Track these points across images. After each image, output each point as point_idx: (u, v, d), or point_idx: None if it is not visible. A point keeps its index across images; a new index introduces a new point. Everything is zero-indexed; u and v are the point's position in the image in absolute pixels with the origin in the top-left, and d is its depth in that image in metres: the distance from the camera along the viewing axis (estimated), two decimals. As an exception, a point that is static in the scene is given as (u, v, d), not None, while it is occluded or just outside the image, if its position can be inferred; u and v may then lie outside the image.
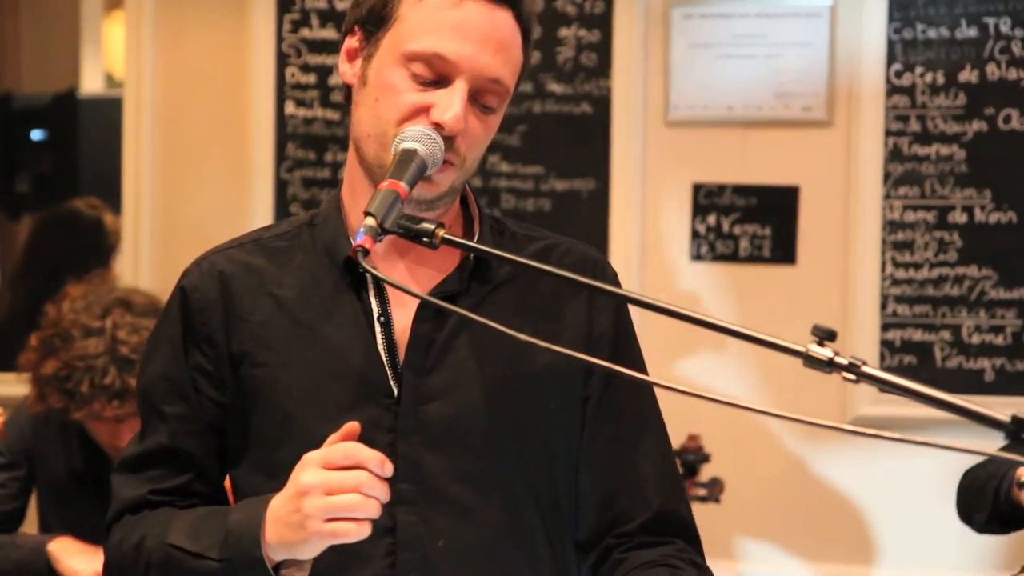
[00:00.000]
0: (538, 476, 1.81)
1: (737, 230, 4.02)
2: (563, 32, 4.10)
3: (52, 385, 3.18)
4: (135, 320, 3.19)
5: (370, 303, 1.80)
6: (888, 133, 3.94)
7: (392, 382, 1.78)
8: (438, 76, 1.73)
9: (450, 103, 1.72)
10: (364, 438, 1.67)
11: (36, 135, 5.23)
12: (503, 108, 1.80)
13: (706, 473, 3.57)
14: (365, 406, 1.77)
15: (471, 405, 1.78)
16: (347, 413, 1.72)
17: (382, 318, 1.79)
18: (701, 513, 3.52)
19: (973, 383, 3.88)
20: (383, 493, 1.62)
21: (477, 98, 1.75)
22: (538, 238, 1.91)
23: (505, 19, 1.76)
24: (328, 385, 1.78)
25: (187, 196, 4.26)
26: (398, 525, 1.76)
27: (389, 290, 1.80)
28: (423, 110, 1.73)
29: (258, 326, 1.82)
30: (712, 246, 4.03)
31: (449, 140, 1.73)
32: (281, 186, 4.21)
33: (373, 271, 1.60)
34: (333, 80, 4.20)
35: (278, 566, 1.69)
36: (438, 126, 1.72)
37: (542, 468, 1.81)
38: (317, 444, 1.67)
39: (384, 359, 1.79)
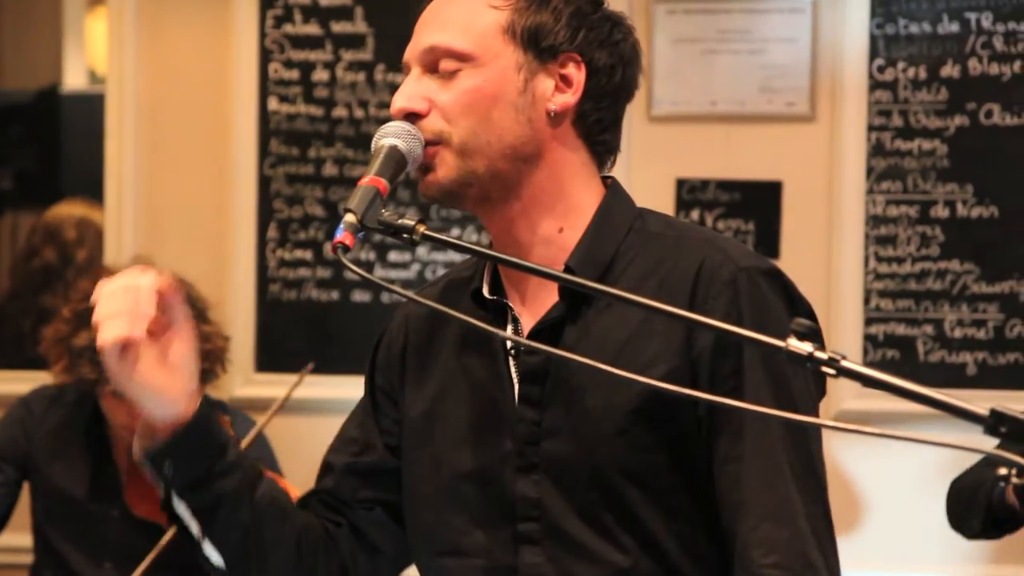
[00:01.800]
0: (664, 511, 1.71)
1: (721, 225, 4.03)
2: (546, 27, 4.09)
3: (85, 356, 3.17)
4: None
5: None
6: (871, 128, 3.95)
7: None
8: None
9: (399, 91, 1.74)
10: (493, 474, 1.73)
11: (13, 132, 5.22)
12: (476, 67, 1.73)
13: None
14: (495, 441, 1.76)
15: (587, 440, 1.71)
16: (480, 448, 1.76)
17: (513, 350, 1.76)
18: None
19: (956, 377, 3.89)
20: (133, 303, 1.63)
21: (433, 72, 1.73)
22: (665, 236, 1.78)
23: None
24: (465, 418, 1.79)
25: (170, 192, 4.25)
26: (519, 566, 1.74)
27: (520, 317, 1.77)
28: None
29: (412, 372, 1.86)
30: (695, 241, 4.03)
31: (417, 119, 1.71)
32: (264, 182, 4.20)
33: (355, 268, 1.59)
34: (316, 76, 4.19)
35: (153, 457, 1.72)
36: (402, 116, 1.72)
37: (665, 502, 1.71)
38: (448, 478, 1.77)
39: (515, 393, 1.76)
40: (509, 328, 1.77)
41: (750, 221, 4.02)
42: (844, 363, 1.42)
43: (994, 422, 1.37)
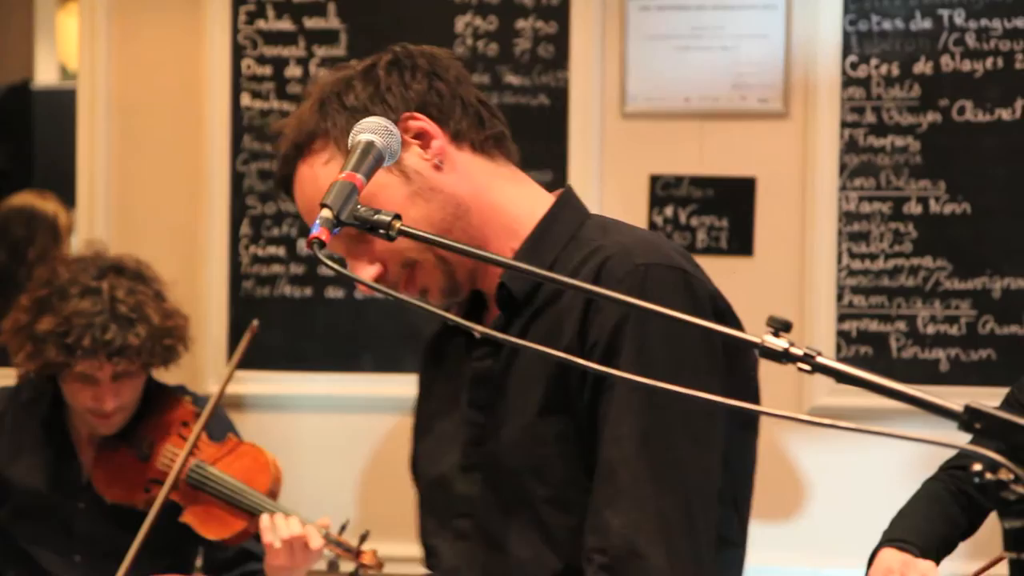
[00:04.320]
0: (563, 505, 1.77)
1: (694, 222, 4.03)
2: (520, 24, 4.10)
3: (49, 341, 3.17)
4: (131, 283, 3.24)
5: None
6: (844, 125, 3.96)
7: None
8: None
9: None
10: (449, 475, 1.83)
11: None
12: (383, 199, 1.79)
13: None
14: (454, 444, 1.86)
15: (509, 439, 1.78)
16: (445, 452, 1.86)
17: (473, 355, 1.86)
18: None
19: (928, 373, 3.90)
20: None
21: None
22: (592, 242, 1.81)
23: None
24: (440, 424, 1.90)
25: (142, 188, 4.24)
26: (442, 560, 1.84)
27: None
28: None
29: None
30: (669, 237, 4.04)
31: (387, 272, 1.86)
32: (237, 178, 4.19)
33: (331, 264, 1.59)
34: (289, 72, 4.18)
35: None
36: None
37: (564, 496, 1.77)
38: (425, 484, 1.90)
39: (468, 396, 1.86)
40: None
41: (724, 217, 4.02)
42: (820, 359, 1.43)
43: (969, 418, 1.37)
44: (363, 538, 3.18)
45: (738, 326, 1.77)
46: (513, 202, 1.86)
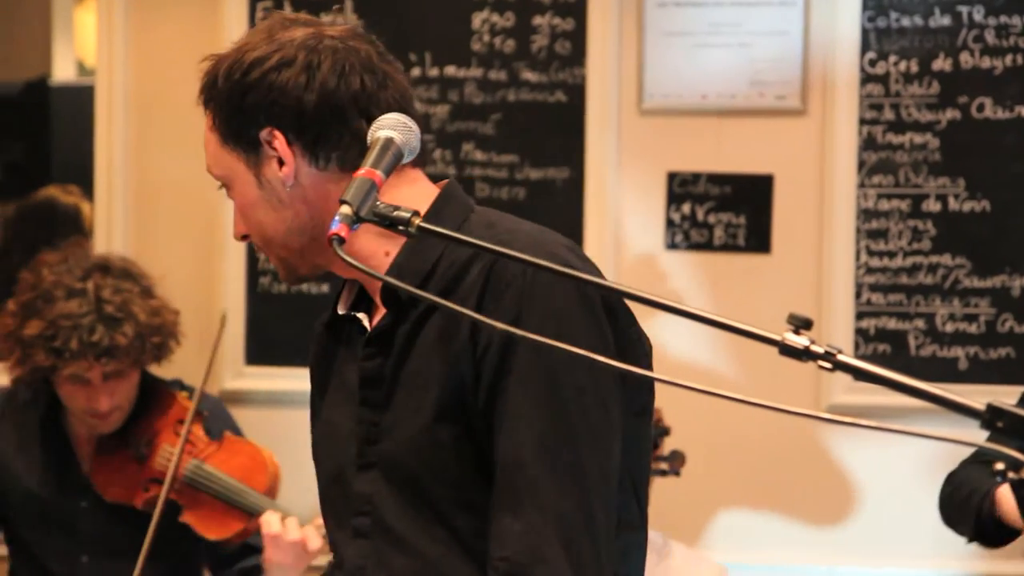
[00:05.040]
0: (466, 505, 1.77)
1: (712, 219, 4.02)
2: (537, 20, 4.09)
3: (37, 345, 3.17)
4: (116, 282, 3.22)
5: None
6: (862, 122, 3.95)
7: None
8: None
9: None
10: (346, 475, 1.83)
11: (3, 123, 5.20)
12: (238, 181, 1.87)
13: (667, 446, 3.55)
14: (349, 444, 1.86)
15: (405, 439, 1.79)
16: (340, 452, 1.87)
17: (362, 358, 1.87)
18: (662, 487, 3.53)
19: (947, 372, 3.89)
20: None
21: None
22: (481, 238, 1.78)
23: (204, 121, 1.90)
24: (336, 425, 1.90)
25: (160, 184, 4.24)
26: (345, 559, 1.84)
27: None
28: None
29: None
30: (687, 235, 4.03)
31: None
32: (254, 174, 4.18)
33: (350, 260, 1.60)
34: (307, 68, 4.18)
35: None
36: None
37: (467, 497, 1.77)
38: (324, 484, 1.91)
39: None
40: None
41: (741, 215, 4.01)
42: (840, 357, 1.42)
43: (991, 417, 1.37)
44: None
45: (630, 319, 1.78)
46: None
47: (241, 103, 1.84)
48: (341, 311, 1.92)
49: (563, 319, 1.70)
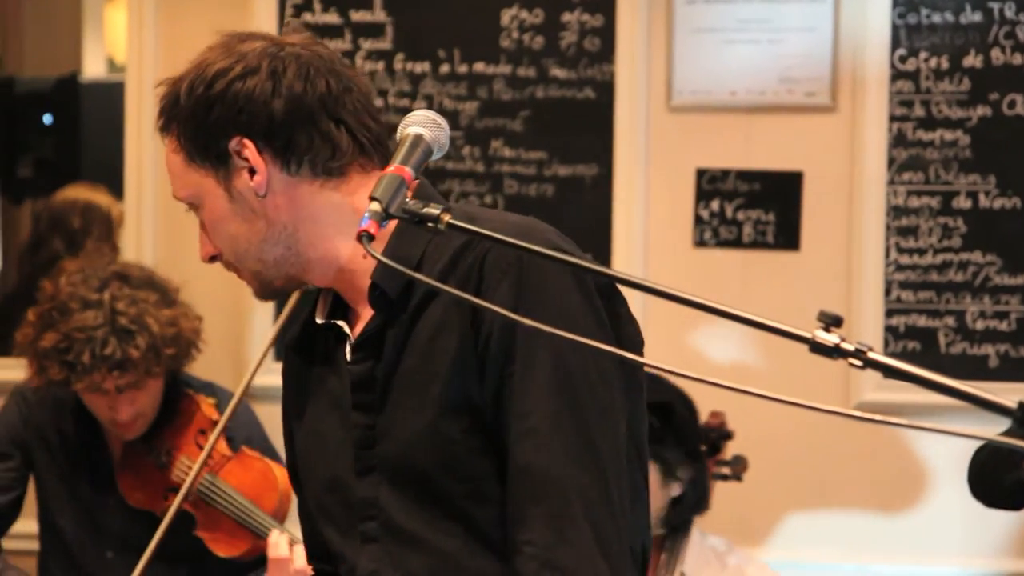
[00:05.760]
0: (480, 497, 1.78)
1: (741, 216, 4.01)
2: (566, 17, 4.09)
3: (52, 358, 3.17)
4: (133, 292, 3.21)
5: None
6: (892, 118, 3.93)
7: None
8: None
9: None
10: (344, 481, 1.83)
11: (47, 119, 5.23)
12: (208, 197, 1.85)
13: (730, 451, 3.53)
14: (344, 450, 1.85)
15: (408, 438, 1.79)
16: (335, 459, 1.86)
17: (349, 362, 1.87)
18: (724, 492, 3.52)
19: (977, 369, 3.87)
20: None
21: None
22: (457, 239, 1.77)
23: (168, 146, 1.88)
24: (326, 434, 1.89)
25: (189, 181, 4.25)
26: (358, 564, 1.83)
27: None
28: None
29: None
30: (716, 232, 4.02)
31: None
32: (283, 171, 4.19)
33: (381, 258, 1.60)
34: (336, 65, 4.18)
35: None
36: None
37: (479, 489, 1.78)
38: (318, 493, 1.89)
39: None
40: (348, 347, 1.85)
41: (770, 212, 4.00)
42: (871, 355, 1.41)
43: (1022, 415, 1.36)
44: None
45: (621, 299, 1.80)
46: (361, 213, 1.73)
47: (207, 117, 1.82)
48: (320, 320, 1.90)
49: (562, 304, 1.73)
